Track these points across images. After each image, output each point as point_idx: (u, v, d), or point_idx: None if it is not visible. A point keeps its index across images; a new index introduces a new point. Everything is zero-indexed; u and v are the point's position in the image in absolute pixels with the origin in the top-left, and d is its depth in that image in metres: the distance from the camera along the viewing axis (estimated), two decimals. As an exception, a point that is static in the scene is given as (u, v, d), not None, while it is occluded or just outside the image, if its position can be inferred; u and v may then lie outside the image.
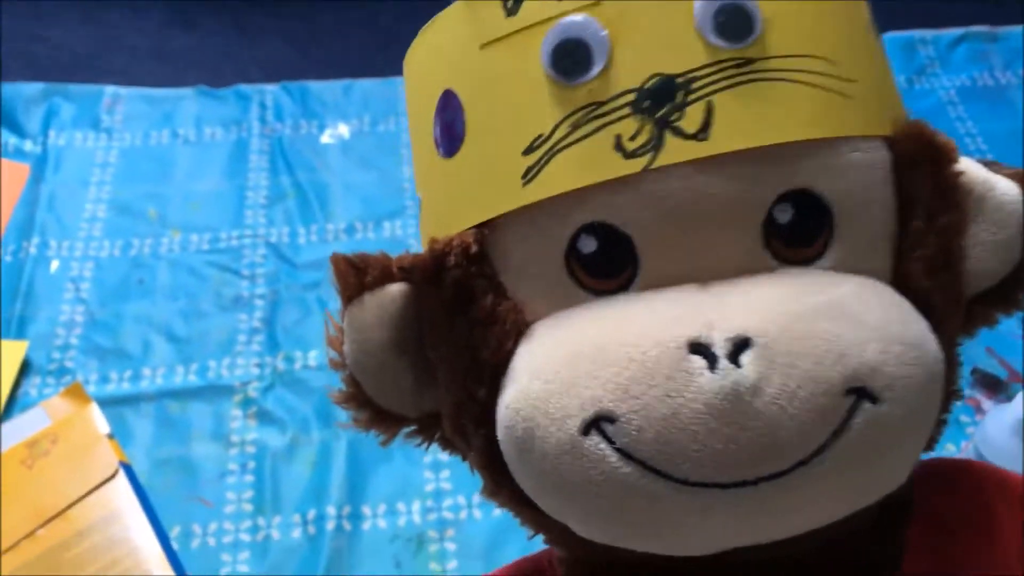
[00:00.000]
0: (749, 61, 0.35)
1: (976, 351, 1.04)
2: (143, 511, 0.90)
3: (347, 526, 0.90)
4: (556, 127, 0.35)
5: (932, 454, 0.41)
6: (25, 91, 1.28)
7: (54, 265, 1.11)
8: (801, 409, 0.32)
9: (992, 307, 0.42)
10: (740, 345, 0.32)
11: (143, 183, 1.20)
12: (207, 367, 1.02)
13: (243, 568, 0.88)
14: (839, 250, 0.36)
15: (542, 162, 0.35)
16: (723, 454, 0.32)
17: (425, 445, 0.43)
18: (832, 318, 0.33)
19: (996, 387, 1.01)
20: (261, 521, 0.91)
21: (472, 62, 0.38)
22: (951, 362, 0.39)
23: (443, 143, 0.39)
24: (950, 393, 0.40)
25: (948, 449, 0.95)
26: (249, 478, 0.94)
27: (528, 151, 0.36)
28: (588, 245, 0.36)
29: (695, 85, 0.34)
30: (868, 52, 0.38)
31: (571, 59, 0.35)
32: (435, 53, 0.40)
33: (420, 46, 0.41)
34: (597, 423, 0.33)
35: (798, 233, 0.36)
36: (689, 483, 0.33)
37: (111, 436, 0.96)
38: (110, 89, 1.30)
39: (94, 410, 0.97)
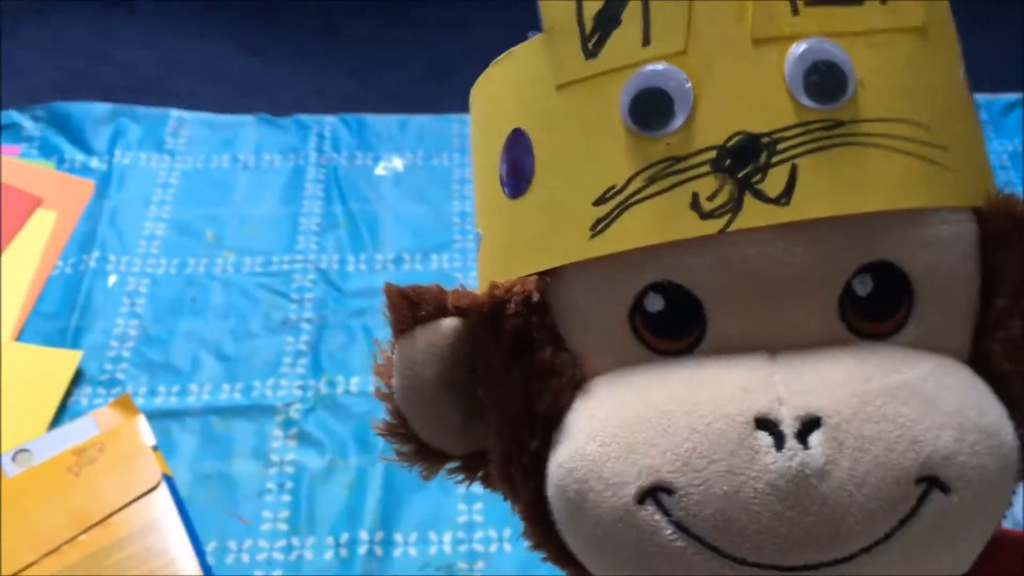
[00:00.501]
0: (839, 124, 0.33)
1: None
2: (182, 524, 0.93)
3: (379, 552, 0.92)
4: (631, 179, 0.34)
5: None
6: (94, 111, 1.32)
7: (112, 279, 1.14)
8: (869, 496, 0.31)
9: None
10: (809, 424, 0.31)
11: (202, 205, 1.23)
12: (252, 386, 1.05)
13: (275, 586, 0.90)
14: (918, 327, 0.35)
15: (613, 215, 0.34)
16: (785, 538, 0.31)
17: (467, 484, 0.43)
18: (906, 401, 0.32)
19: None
20: (295, 541, 0.93)
21: (545, 102, 0.36)
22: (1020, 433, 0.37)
23: (509, 183, 0.38)
24: (1019, 473, 0.38)
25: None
26: (286, 498, 0.96)
27: (599, 202, 0.34)
28: (655, 304, 0.35)
29: (780, 146, 0.33)
30: (962, 115, 0.37)
31: (652, 110, 0.34)
32: (506, 88, 0.39)
33: (491, 79, 0.40)
34: (654, 493, 0.32)
35: (876, 306, 0.35)
36: (747, 563, 0.32)
37: (156, 448, 0.98)
38: (175, 113, 1.34)
39: (141, 422, 1.00)
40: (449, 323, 0.38)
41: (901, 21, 0.35)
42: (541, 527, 0.38)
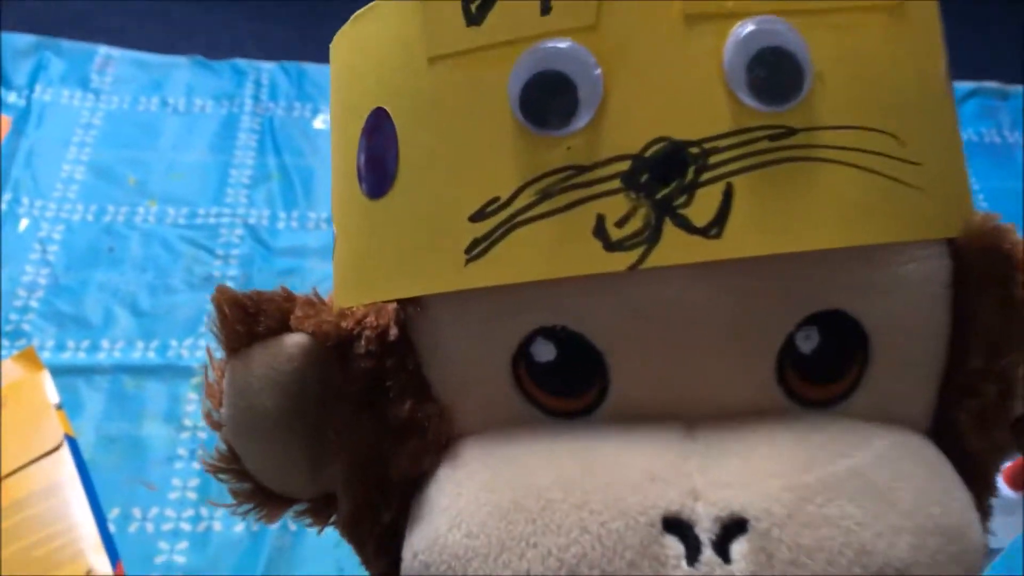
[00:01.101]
0: (789, 132, 0.26)
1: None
2: (83, 488, 0.87)
3: (292, 526, 0.87)
4: (519, 192, 0.27)
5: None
6: (16, 42, 1.24)
7: (23, 224, 1.07)
8: None
9: None
10: (731, 529, 0.25)
11: (125, 149, 1.16)
12: (168, 345, 0.99)
13: (179, 559, 0.85)
14: (871, 391, 0.29)
15: (495, 236, 0.27)
16: None
17: (318, 529, 0.36)
18: (854, 497, 0.26)
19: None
20: (204, 511, 0.88)
21: (415, 78, 0.29)
22: (984, 513, 0.32)
23: (368, 178, 0.31)
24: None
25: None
26: (197, 465, 0.91)
27: (478, 217, 0.27)
28: (544, 352, 0.28)
29: (713, 160, 0.26)
30: (940, 121, 0.30)
31: (549, 102, 0.26)
32: (367, 54, 0.31)
33: (350, 39, 0.32)
34: None
35: (823, 367, 0.29)
36: None
37: (60, 407, 0.92)
38: (103, 49, 1.26)
39: (46, 378, 0.94)
40: (295, 340, 0.30)
41: None
42: None
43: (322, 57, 1.28)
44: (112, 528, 0.86)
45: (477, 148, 0.28)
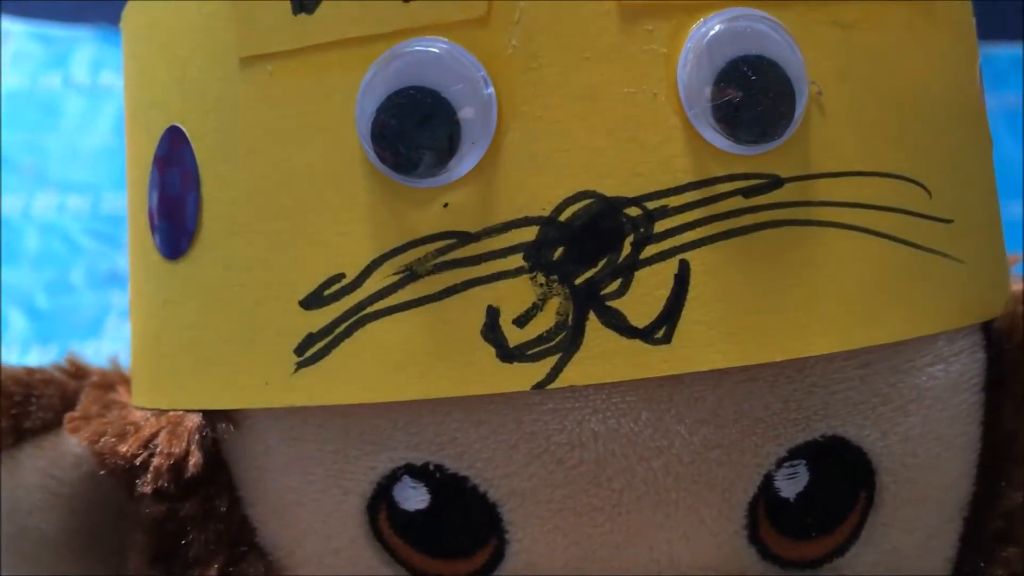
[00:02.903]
0: (774, 183, 0.18)
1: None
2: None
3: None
4: (371, 268, 0.19)
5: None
6: (-97, 16, 1.15)
7: (-94, 215, 0.99)
8: None
9: None
10: None
11: (23, 131, 1.08)
12: (67, 349, 0.91)
13: None
14: (878, 542, 0.22)
15: (337, 332, 0.19)
16: None
17: None
18: None
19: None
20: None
21: (222, 87, 0.21)
22: None
23: (162, 229, 0.22)
24: None
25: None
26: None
27: (313, 302, 0.19)
28: (412, 498, 0.21)
29: (662, 226, 0.18)
30: (978, 158, 0.22)
31: (415, 134, 0.18)
32: (159, 44, 0.23)
33: (140, 16, 0.24)
34: None
35: (813, 514, 0.21)
36: None
37: (-58, 424, 0.84)
38: (2, 24, 1.17)
39: (-73, 391, 0.86)
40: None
41: None
42: None
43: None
44: None
45: (311, 198, 0.20)
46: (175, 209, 0.22)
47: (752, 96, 0.18)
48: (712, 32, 0.18)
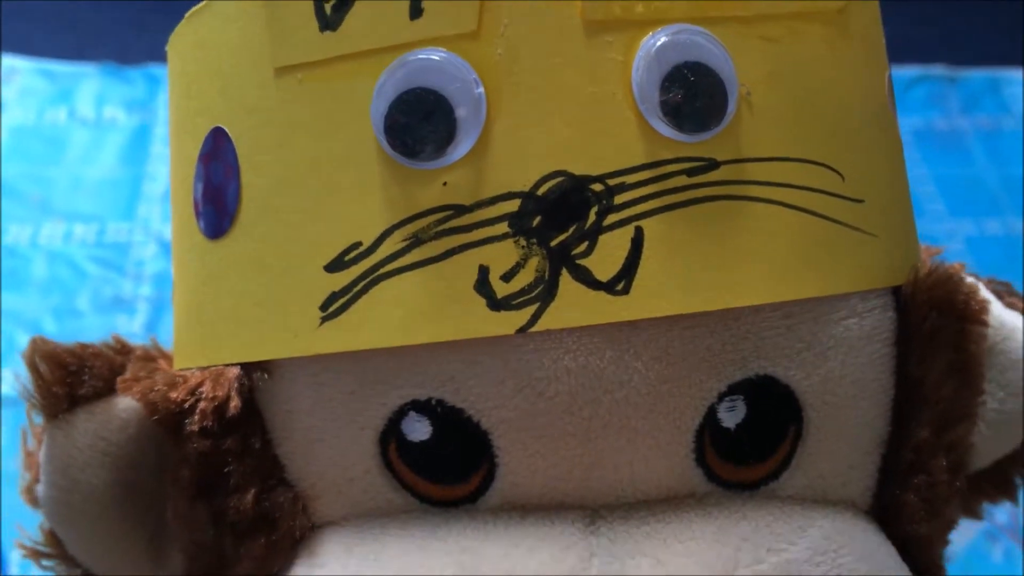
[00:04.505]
0: (711, 165, 0.22)
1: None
2: (-20, 533, 0.81)
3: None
4: (384, 236, 0.23)
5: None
6: (-87, 54, 1.18)
7: (-83, 247, 1.01)
8: None
9: (980, 494, 0.31)
10: None
11: (30, 164, 1.10)
12: (74, 373, 0.92)
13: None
14: (806, 468, 0.25)
15: (356, 290, 0.23)
16: None
17: None
18: None
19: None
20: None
21: (259, 92, 0.25)
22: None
23: (206, 214, 0.26)
24: None
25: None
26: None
27: (335, 266, 0.23)
28: (417, 430, 0.24)
29: (620, 199, 0.22)
30: (886, 149, 0.26)
31: (420, 127, 0.22)
32: (204, 61, 0.27)
33: (186, 39, 0.28)
34: None
35: (749, 444, 0.25)
36: None
37: (-46, 445, 0.86)
38: (7, 60, 1.19)
39: (-62, 414, 0.87)
40: (128, 403, 0.26)
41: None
42: None
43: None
44: (14, 570, 0.79)
45: (334, 181, 0.23)
46: (218, 196, 0.26)
47: (692, 95, 0.22)
48: (659, 43, 0.22)
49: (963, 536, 0.72)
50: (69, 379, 0.27)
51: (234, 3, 0.25)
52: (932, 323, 0.25)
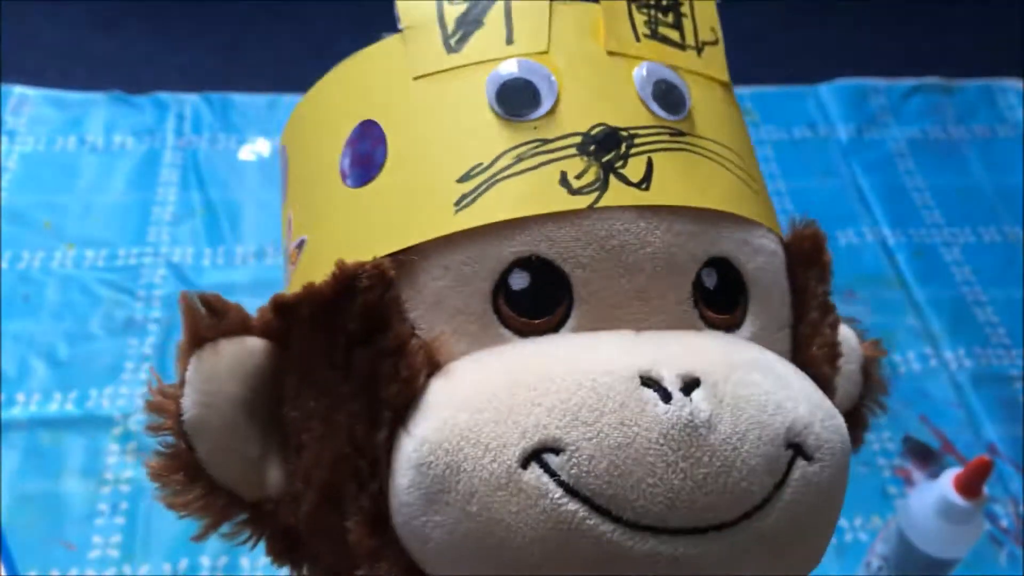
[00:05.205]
0: (682, 132, 0.36)
1: (909, 419, 0.99)
2: (-3, 552, 0.82)
3: (218, 588, 0.83)
4: (499, 157, 0.34)
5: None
6: (-74, 86, 1.20)
7: (-67, 275, 1.03)
8: (751, 453, 0.31)
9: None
10: (690, 384, 0.31)
11: (41, 192, 1.12)
12: (87, 395, 0.94)
13: (100, 622, 0.80)
14: (754, 324, 0.37)
15: (480, 189, 0.34)
16: (679, 491, 0.30)
17: (252, 542, 0.38)
18: (765, 374, 0.33)
19: (928, 458, 0.96)
20: (127, 569, 0.83)
21: (401, 93, 0.36)
22: None
23: (353, 173, 0.36)
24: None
25: (874, 522, 0.90)
26: (120, 520, 0.86)
27: (465, 178, 0.34)
28: (520, 281, 0.34)
29: (637, 141, 0.35)
30: (750, 147, 0.41)
31: (519, 96, 0.35)
32: (352, 86, 0.38)
33: (335, 81, 0.40)
34: (539, 455, 0.30)
35: (721, 299, 0.37)
36: (638, 526, 0.30)
37: (-30, 468, 0.87)
38: (18, 89, 1.22)
39: (-45, 437, 0.89)
40: (257, 341, 0.35)
41: (713, 72, 0.39)
42: (377, 540, 0.34)
43: (246, 85, 1.23)
44: (27, 593, 0.81)
45: (461, 132, 0.35)
46: (366, 159, 0.36)
47: (667, 93, 0.37)
48: (646, 67, 0.37)
49: (969, 542, 0.73)
50: (217, 315, 0.35)
51: (377, 47, 0.38)
52: (807, 247, 0.40)
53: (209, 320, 0.35)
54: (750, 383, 0.32)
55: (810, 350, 0.39)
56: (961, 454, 0.96)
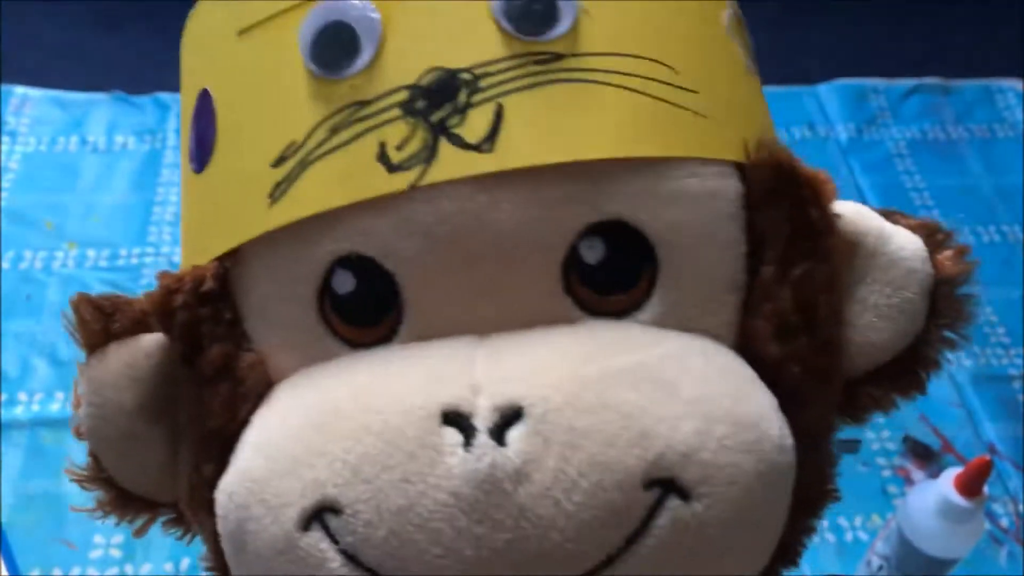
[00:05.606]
0: (556, 57, 0.28)
1: (909, 418, 0.99)
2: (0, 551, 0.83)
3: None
4: (312, 132, 0.28)
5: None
6: (-73, 87, 1.20)
7: (-66, 274, 1.03)
8: (582, 505, 0.25)
9: (887, 388, 0.34)
10: (509, 417, 0.25)
11: (43, 192, 1.12)
12: (89, 394, 0.94)
13: (102, 620, 0.80)
14: (664, 300, 0.29)
15: (292, 176, 0.28)
16: (472, 563, 0.25)
17: (188, 538, 0.36)
18: (635, 386, 0.27)
19: (927, 457, 0.96)
20: (129, 568, 0.84)
21: (227, 54, 0.31)
22: (823, 454, 0.32)
23: (195, 156, 0.32)
24: (824, 493, 0.33)
25: (874, 521, 0.90)
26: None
27: (278, 163, 0.29)
28: (344, 283, 0.29)
29: (483, 83, 0.28)
30: (723, 61, 0.32)
31: (334, 47, 0.28)
32: (195, 44, 0.34)
33: (186, 35, 0.34)
34: (320, 515, 0.26)
35: (610, 276, 0.29)
36: None
37: (-28, 467, 0.88)
38: (19, 90, 1.22)
39: (-43, 437, 0.89)
40: (152, 339, 0.31)
41: None
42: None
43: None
44: (30, 593, 0.81)
45: (277, 102, 0.29)
46: (203, 140, 0.32)
47: (528, 7, 0.28)
48: None
49: (969, 541, 0.74)
50: (104, 319, 0.31)
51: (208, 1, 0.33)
52: (766, 181, 0.30)
53: (96, 325, 0.31)
54: (603, 407, 0.26)
55: (753, 321, 0.30)
56: (961, 453, 0.96)
